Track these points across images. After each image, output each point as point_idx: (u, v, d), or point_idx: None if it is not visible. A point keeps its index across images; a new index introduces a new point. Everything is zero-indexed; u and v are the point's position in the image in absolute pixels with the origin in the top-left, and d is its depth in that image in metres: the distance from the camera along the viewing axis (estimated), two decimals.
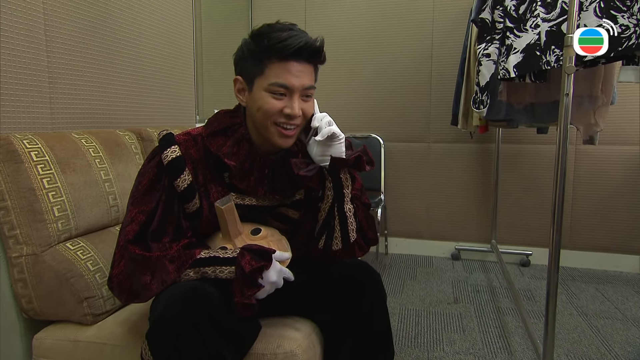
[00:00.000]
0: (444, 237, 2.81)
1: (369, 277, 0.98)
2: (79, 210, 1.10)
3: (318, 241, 0.98)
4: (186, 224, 0.93)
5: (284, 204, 1.02)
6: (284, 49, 0.85)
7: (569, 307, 2.03)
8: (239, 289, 0.81)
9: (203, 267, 0.85)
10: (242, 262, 0.83)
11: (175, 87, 1.91)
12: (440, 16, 2.66)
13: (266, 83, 0.87)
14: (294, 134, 0.92)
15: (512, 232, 2.67)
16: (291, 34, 0.86)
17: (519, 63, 1.40)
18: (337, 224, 0.97)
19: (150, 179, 0.90)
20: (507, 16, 1.48)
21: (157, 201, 0.89)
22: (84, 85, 1.38)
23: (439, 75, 2.70)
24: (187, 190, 0.91)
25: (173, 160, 0.90)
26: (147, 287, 0.83)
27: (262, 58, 0.87)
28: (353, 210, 0.98)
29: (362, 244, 1.01)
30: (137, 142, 1.41)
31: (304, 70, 0.88)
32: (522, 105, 1.93)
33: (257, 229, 0.97)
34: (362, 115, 2.85)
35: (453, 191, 2.76)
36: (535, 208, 2.60)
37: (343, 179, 0.96)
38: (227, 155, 0.91)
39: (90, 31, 1.40)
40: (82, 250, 1.07)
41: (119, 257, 0.87)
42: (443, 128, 2.69)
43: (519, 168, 2.62)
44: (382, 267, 2.63)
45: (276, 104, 0.88)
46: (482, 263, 2.68)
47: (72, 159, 1.11)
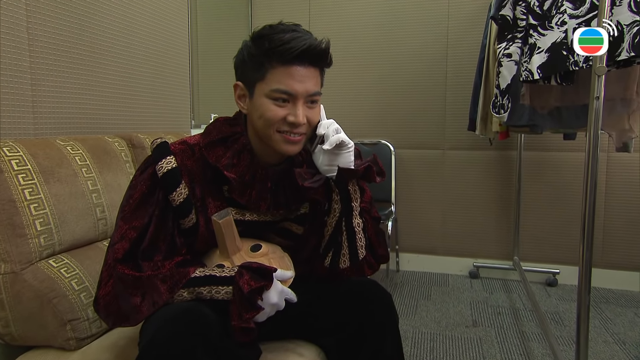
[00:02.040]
0: (461, 253, 2.79)
1: (378, 297, 0.97)
2: (64, 224, 1.09)
3: (324, 258, 0.98)
4: (180, 240, 0.92)
5: (288, 219, 1.02)
6: (287, 52, 0.85)
7: (603, 333, 1.99)
8: (237, 312, 0.81)
9: (198, 287, 0.84)
10: (240, 281, 0.82)
11: (169, 90, 1.92)
12: (456, 12, 2.67)
13: (268, 89, 0.88)
14: (300, 140, 0.92)
15: (536, 248, 2.64)
16: (294, 35, 0.85)
17: (544, 64, 1.40)
18: (345, 240, 0.97)
19: (143, 192, 0.90)
20: (530, 13, 1.48)
21: (149, 216, 0.89)
22: (69, 87, 1.38)
23: (454, 77, 2.70)
24: (183, 205, 0.91)
25: (168, 172, 0.90)
26: (137, 310, 0.82)
27: (263, 62, 0.87)
28: (362, 225, 0.98)
29: (372, 261, 1.00)
30: (127, 150, 1.41)
31: (308, 75, 0.88)
32: (546, 110, 1.92)
33: (257, 245, 0.97)
34: (371, 119, 2.85)
35: (470, 202, 2.74)
36: (562, 222, 2.58)
37: (351, 190, 0.96)
38: (227, 167, 0.91)
39: (77, 29, 1.40)
40: (66, 268, 1.06)
41: (107, 276, 0.87)
42: (459, 134, 2.69)
43: (543, 177, 2.60)
44: (392, 285, 2.61)
45: (278, 111, 0.88)
46: (503, 282, 2.66)
47: (56, 167, 1.11)
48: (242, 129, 0.96)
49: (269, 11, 2.94)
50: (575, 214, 2.53)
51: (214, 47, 2.87)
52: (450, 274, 2.80)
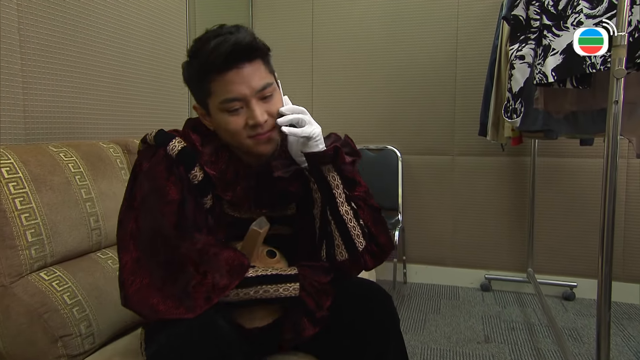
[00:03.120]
0: (472, 265, 2.77)
1: (376, 295, 0.97)
2: (56, 235, 1.09)
3: (320, 252, 0.98)
4: (212, 221, 0.94)
5: (273, 221, 1.01)
6: (215, 62, 0.85)
7: (625, 351, 1.97)
8: (314, 304, 0.89)
9: (265, 284, 0.88)
10: (310, 276, 0.91)
11: (166, 93, 1.93)
12: (466, 12, 2.68)
13: (217, 102, 0.89)
14: (270, 136, 0.93)
15: (552, 259, 2.62)
16: (218, 41, 0.85)
17: (559, 66, 1.39)
18: (335, 230, 0.97)
19: (163, 174, 0.89)
20: (544, 12, 1.49)
21: (180, 192, 0.89)
22: (62, 90, 1.39)
23: (464, 79, 2.70)
24: (203, 183, 0.92)
25: (182, 150, 0.91)
26: (190, 295, 0.82)
27: (202, 80, 0.89)
28: (352, 212, 0.97)
29: (374, 250, 0.99)
30: (122, 156, 1.41)
31: (249, 73, 0.88)
32: (562, 114, 1.91)
33: (272, 252, 1.00)
34: (377, 124, 2.85)
35: (482, 211, 2.73)
36: (579, 231, 2.56)
37: (329, 177, 0.96)
38: (207, 164, 0.93)
39: (70, 29, 1.41)
40: (58, 281, 1.06)
41: (142, 263, 0.84)
42: (469, 139, 2.68)
43: (559, 185, 2.59)
44: (399, 298, 2.60)
45: (237, 120, 0.90)
46: (517, 295, 2.64)
47: (48, 175, 1.11)
48: None
49: (271, 11, 2.95)
50: (594, 224, 2.51)
51: None
52: (460, 286, 2.78)
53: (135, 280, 0.83)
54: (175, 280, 0.82)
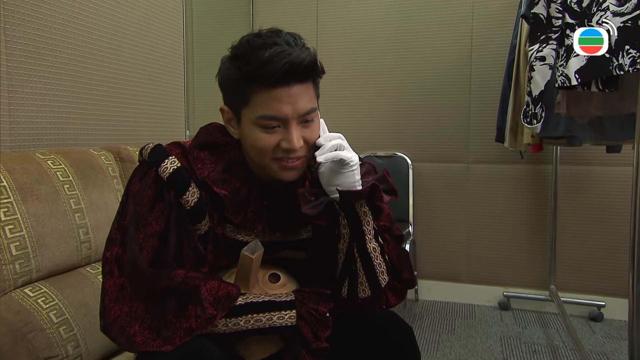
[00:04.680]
0: (489, 281, 2.75)
1: (398, 331, 0.95)
2: (42, 248, 1.09)
3: (340, 289, 0.97)
4: (202, 248, 0.92)
5: (287, 245, 1.01)
6: (267, 75, 0.83)
7: None
8: (312, 334, 0.86)
9: (257, 313, 0.86)
10: (309, 303, 0.88)
11: (161, 97, 1.93)
12: (481, 9, 2.68)
13: (254, 115, 0.87)
14: (299, 165, 0.92)
15: (577, 275, 2.60)
16: (275, 51, 0.83)
17: (583, 67, 1.39)
18: (361, 268, 0.96)
19: (151, 197, 0.88)
20: (566, 10, 1.48)
21: (166, 221, 0.87)
22: (51, 94, 1.39)
23: (479, 82, 2.70)
24: (197, 207, 0.90)
25: (175, 172, 0.89)
26: (170, 324, 0.81)
27: (245, 87, 0.87)
28: (379, 249, 0.97)
29: (397, 286, 1.00)
30: (115, 164, 1.41)
31: (297, 93, 0.86)
32: (586, 119, 1.90)
33: (275, 275, 0.97)
34: (385, 129, 2.85)
35: (499, 223, 2.72)
36: (606, 246, 2.54)
37: (360, 213, 0.95)
38: (217, 183, 0.91)
39: (59, 30, 1.42)
40: (44, 298, 1.05)
41: (118, 296, 0.84)
42: (485, 145, 2.68)
43: (583, 195, 2.58)
44: (411, 317, 2.58)
45: (269, 139, 0.88)
46: (538, 315, 2.61)
47: (35, 184, 1.11)
48: (233, 140, 0.96)
49: (272, 10, 2.97)
50: (622, 237, 2.49)
51: (212, 49, 2.90)
52: (476, 304, 2.76)
53: (115, 308, 0.83)
54: (155, 312, 0.82)
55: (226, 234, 0.96)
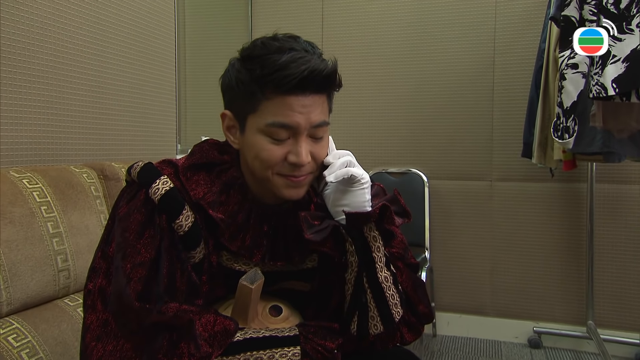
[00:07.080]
0: (517, 315, 2.73)
1: None
2: (15, 278, 1.08)
3: (349, 324, 0.96)
4: (196, 277, 0.91)
5: (289, 275, 1.01)
6: (284, 81, 0.84)
7: None
8: None
9: (257, 350, 0.85)
10: (315, 339, 0.87)
11: (150, 108, 1.94)
12: (505, 11, 2.70)
13: (262, 123, 0.88)
14: (304, 182, 0.92)
15: (618, 310, 2.57)
16: (293, 56, 0.84)
17: (621, 76, 1.39)
18: (371, 300, 0.95)
19: (140, 221, 0.88)
20: (602, 12, 1.49)
21: (156, 249, 0.87)
22: (27, 105, 1.40)
23: (503, 91, 2.71)
24: (192, 232, 0.90)
25: (167, 194, 0.89)
26: None
27: (255, 91, 0.87)
28: (392, 278, 0.96)
29: (412, 321, 0.99)
30: (98, 182, 1.41)
31: (312, 104, 0.88)
32: (625, 134, 1.90)
33: (276, 307, 0.97)
34: (399, 143, 2.85)
35: (528, 249, 2.70)
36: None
37: (369, 238, 0.95)
38: (213, 205, 0.91)
39: (38, 34, 1.43)
40: (15, 335, 1.05)
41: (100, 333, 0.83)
42: (511, 161, 2.67)
43: (623, 217, 2.56)
44: (428, 355, 2.56)
45: (276, 151, 0.88)
46: (575, 354, 2.58)
47: (8, 206, 1.11)
48: (231, 159, 0.97)
49: (273, 12, 3.00)
50: None
51: (206, 56, 2.92)
52: (503, 341, 2.74)
53: (97, 346, 0.82)
54: (143, 351, 0.82)
55: (222, 262, 0.95)
